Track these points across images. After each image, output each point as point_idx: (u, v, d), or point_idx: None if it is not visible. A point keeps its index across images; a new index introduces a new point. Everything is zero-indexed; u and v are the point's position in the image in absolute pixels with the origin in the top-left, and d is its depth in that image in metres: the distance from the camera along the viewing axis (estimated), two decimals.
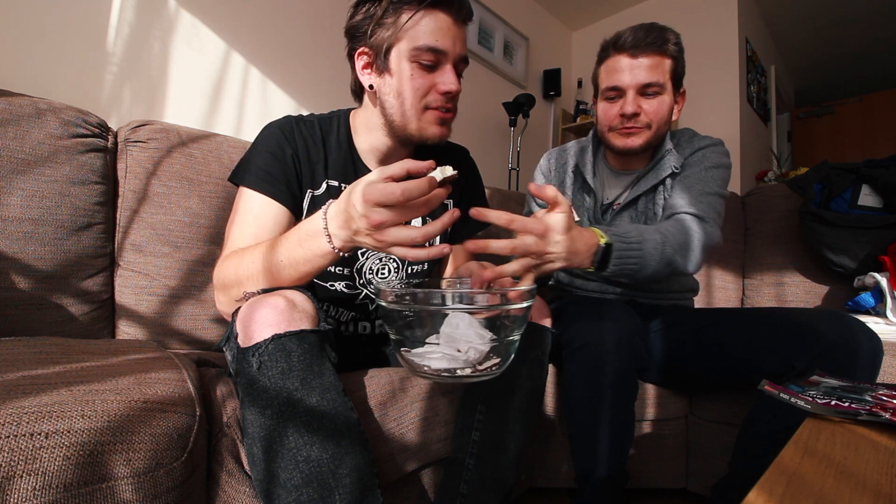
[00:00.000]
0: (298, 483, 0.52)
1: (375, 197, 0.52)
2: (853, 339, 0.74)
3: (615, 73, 0.97)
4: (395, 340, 0.61)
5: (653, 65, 0.95)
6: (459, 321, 0.56)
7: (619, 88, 0.97)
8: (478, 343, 0.57)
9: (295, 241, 0.63)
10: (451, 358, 0.56)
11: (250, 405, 0.55)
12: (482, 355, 0.57)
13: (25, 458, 0.41)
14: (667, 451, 1.06)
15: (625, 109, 0.97)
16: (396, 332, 0.60)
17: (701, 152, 1.03)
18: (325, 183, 0.82)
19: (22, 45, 1.11)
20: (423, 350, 0.58)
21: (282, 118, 0.83)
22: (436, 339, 0.58)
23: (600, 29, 3.17)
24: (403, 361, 0.60)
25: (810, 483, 0.32)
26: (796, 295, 1.44)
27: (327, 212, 0.60)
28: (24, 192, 0.84)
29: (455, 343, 0.56)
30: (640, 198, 1.05)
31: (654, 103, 0.97)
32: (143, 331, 0.97)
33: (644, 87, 0.96)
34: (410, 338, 0.59)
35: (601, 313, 0.87)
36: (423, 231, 0.55)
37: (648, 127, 0.99)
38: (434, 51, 0.71)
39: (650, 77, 0.95)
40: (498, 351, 0.59)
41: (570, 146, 1.20)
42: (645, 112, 0.97)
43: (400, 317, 0.59)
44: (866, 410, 0.44)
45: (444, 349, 0.57)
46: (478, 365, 0.58)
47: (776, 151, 3.12)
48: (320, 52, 1.73)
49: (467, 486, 0.72)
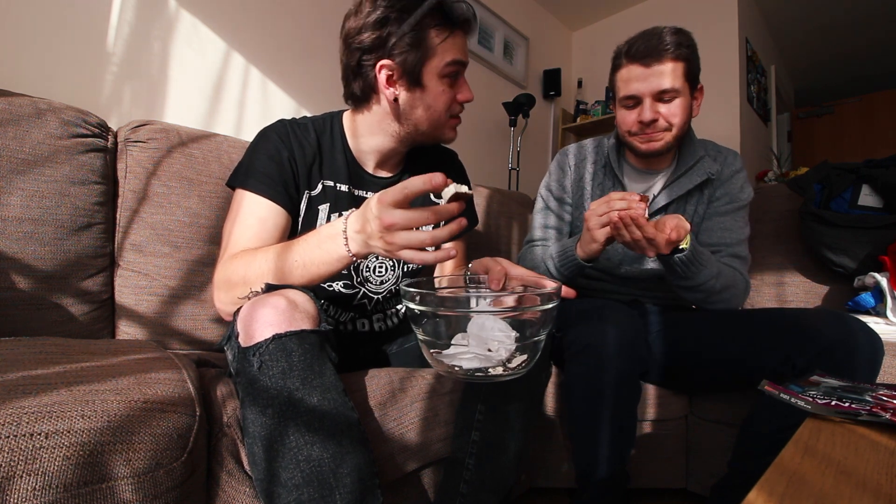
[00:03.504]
0: (299, 482, 0.52)
1: (389, 197, 0.56)
2: (853, 339, 0.74)
3: (630, 83, 0.98)
4: (423, 341, 0.61)
5: (667, 71, 0.95)
6: (485, 320, 0.57)
7: (635, 97, 0.98)
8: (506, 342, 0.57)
9: (314, 242, 0.65)
10: (484, 358, 0.56)
11: (251, 404, 0.55)
12: (511, 353, 0.58)
13: (25, 458, 0.41)
14: (667, 451, 1.06)
15: (643, 117, 0.98)
16: (424, 332, 0.60)
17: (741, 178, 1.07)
18: (321, 183, 0.84)
19: (22, 45, 1.11)
20: (454, 351, 0.58)
21: (276, 122, 0.85)
22: (462, 338, 0.58)
23: (600, 29, 3.17)
24: (433, 361, 0.60)
25: (810, 483, 0.32)
26: (796, 295, 1.44)
27: (349, 217, 0.63)
28: (24, 192, 0.84)
29: (485, 343, 0.57)
30: (671, 203, 1.06)
31: (671, 107, 0.98)
32: (143, 331, 0.97)
33: (660, 94, 0.96)
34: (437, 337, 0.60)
35: (603, 315, 0.87)
36: (432, 235, 0.57)
37: (668, 129, 1.00)
38: (458, 63, 0.79)
39: (665, 84, 0.95)
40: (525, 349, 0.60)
41: (587, 144, 1.20)
42: (663, 116, 0.98)
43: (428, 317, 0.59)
44: (866, 410, 0.44)
45: (474, 349, 0.57)
46: (507, 364, 0.58)
47: (776, 151, 3.12)
48: (320, 52, 1.73)
49: (467, 486, 0.72)
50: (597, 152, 1.17)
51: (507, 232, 1.66)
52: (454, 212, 0.58)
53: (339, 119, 0.89)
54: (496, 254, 1.57)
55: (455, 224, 0.58)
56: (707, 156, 1.07)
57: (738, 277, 1.00)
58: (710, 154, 1.08)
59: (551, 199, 1.18)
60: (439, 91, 0.79)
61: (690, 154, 1.06)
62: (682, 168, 1.06)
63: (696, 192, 1.06)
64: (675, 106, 0.98)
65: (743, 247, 1.05)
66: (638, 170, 1.12)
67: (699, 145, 1.08)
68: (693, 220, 1.07)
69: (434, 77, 0.78)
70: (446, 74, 0.79)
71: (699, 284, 0.94)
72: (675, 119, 0.98)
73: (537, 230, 1.18)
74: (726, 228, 1.05)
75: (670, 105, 0.97)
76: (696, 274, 0.92)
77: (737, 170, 1.07)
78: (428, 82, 0.78)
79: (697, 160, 1.05)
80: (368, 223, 0.58)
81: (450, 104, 0.81)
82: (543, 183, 1.21)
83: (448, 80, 0.79)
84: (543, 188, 1.21)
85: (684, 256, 0.89)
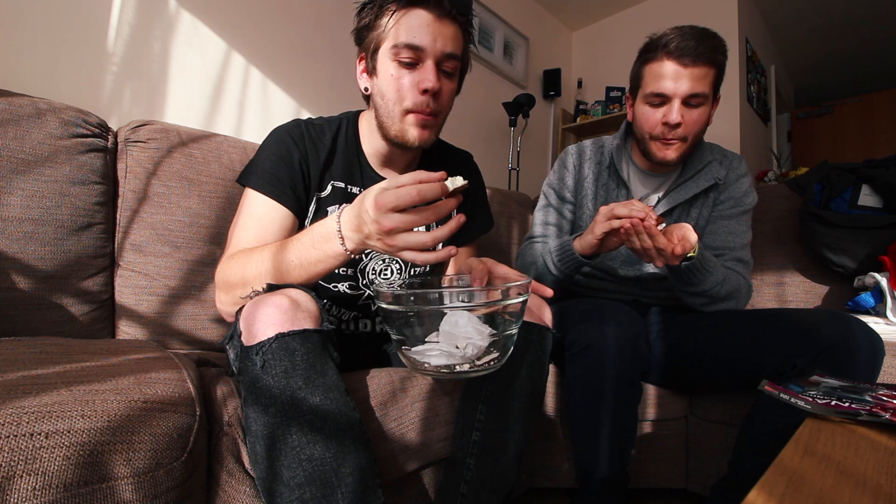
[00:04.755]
0: (301, 481, 0.52)
1: (389, 202, 0.54)
2: (853, 339, 0.74)
3: (661, 80, 0.94)
4: (396, 339, 0.62)
5: (701, 75, 0.92)
6: (459, 318, 0.57)
7: (664, 95, 0.94)
8: (477, 339, 0.57)
9: (308, 242, 0.64)
10: (449, 354, 0.57)
11: (253, 403, 0.55)
12: (481, 350, 0.58)
13: (25, 458, 0.41)
14: (667, 451, 1.06)
15: (669, 118, 0.94)
16: (397, 331, 0.61)
17: (745, 182, 1.07)
18: (331, 185, 0.83)
19: (22, 45, 1.11)
20: (423, 347, 0.59)
21: (290, 122, 0.84)
22: (436, 336, 0.59)
23: (600, 29, 3.17)
24: (404, 359, 0.61)
25: (810, 483, 0.32)
26: (796, 295, 1.44)
27: (341, 215, 0.61)
28: (24, 192, 0.84)
29: (454, 340, 0.57)
30: (676, 207, 1.06)
31: (695, 114, 0.95)
32: (143, 331, 0.97)
33: (690, 97, 0.93)
34: (411, 336, 0.60)
35: (604, 315, 0.87)
36: (433, 235, 0.56)
37: (685, 140, 0.98)
38: (412, 47, 0.70)
39: (697, 88, 0.92)
40: (497, 345, 0.60)
41: (586, 145, 1.19)
42: (686, 123, 0.95)
43: (400, 317, 0.60)
44: (866, 410, 0.44)
45: (442, 346, 0.57)
46: (476, 360, 0.58)
47: (776, 151, 3.12)
48: (321, 52, 1.73)
49: (468, 486, 0.72)
50: (598, 153, 1.16)
51: (507, 232, 1.66)
52: (453, 208, 0.57)
53: (354, 119, 0.88)
54: (496, 253, 1.57)
55: (454, 221, 0.58)
56: (714, 160, 1.06)
57: (742, 282, 1.00)
58: (717, 158, 1.08)
59: (553, 197, 1.18)
60: (389, 76, 0.72)
61: (698, 158, 1.06)
62: (690, 172, 1.05)
63: (702, 196, 1.06)
64: (699, 113, 0.95)
65: (746, 251, 1.05)
66: (644, 172, 1.11)
67: (707, 150, 1.08)
68: (698, 223, 1.07)
69: (386, 60, 0.72)
70: (398, 59, 0.71)
71: (705, 290, 0.94)
72: (696, 127, 0.96)
73: (538, 227, 1.18)
74: (731, 232, 1.05)
75: (694, 112, 0.95)
76: (703, 281, 0.92)
77: (742, 174, 1.07)
78: (380, 66, 0.73)
79: (705, 165, 1.05)
80: (366, 224, 0.57)
81: (404, 93, 0.72)
82: (546, 181, 1.22)
83: (400, 65, 0.72)
84: (546, 185, 1.21)
85: (691, 264, 0.88)
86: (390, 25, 0.71)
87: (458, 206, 0.58)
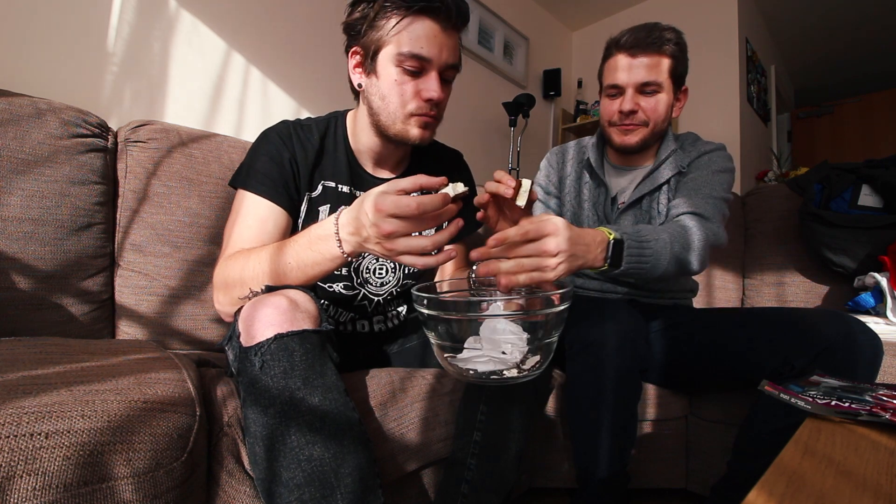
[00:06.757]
0: (300, 482, 0.52)
1: (389, 208, 0.54)
2: (853, 339, 0.74)
3: (615, 72, 1.01)
4: (436, 345, 0.61)
5: (651, 64, 0.98)
6: (497, 323, 0.57)
7: (618, 86, 1.01)
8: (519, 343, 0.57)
9: (305, 244, 0.64)
10: (498, 361, 0.56)
11: (252, 404, 0.55)
12: (523, 355, 0.58)
13: (25, 458, 0.41)
14: (667, 451, 1.06)
15: (622, 106, 1.01)
16: (438, 336, 0.60)
17: (707, 156, 1.05)
18: (322, 184, 0.83)
19: (22, 45, 1.11)
20: (469, 355, 0.58)
21: (278, 123, 0.84)
22: (475, 341, 0.58)
23: (600, 29, 3.17)
24: (446, 366, 0.60)
25: (810, 483, 0.32)
26: (796, 295, 1.44)
27: (339, 217, 0.61)
28: (24, 192, 0.84)
29: (498, 345, 0.57)
30: (643, 197, 1.06)
31: (651, 101, 1.00)
32: (143, 331, 0.97)
33: (642, 86, 0.99)
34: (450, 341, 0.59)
35: (604, 314, 0.87)
36: (433, 240, 0.56)
37: (646, 125, 1.02)
38: (418, 58, 0.71)
39: (648, 76, 0.98)
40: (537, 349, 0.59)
41: (569, 145, 1.24)
42: (643, 109, 1.01)
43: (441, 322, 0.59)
44: (866, 410, 0.44)
45: (488, 352, 0.57)
46: (521, 365, 0.58)
47: (776, 151, 3.12)
48: (320, 52, 1.73)
49: (468, 487, 0.72)
50: (580, 153, 1.19)
51: None
52: (453, 213, 0.57)
53: (342, 118, 0.88)
54: None
55: (454, 225, 0.58)
56: (680, 149, 1.07)
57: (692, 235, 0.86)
58: (684, 148, 1.08)
59: (541, 194, 1.22)
60: (392, 81, 0.73)
61: (664, 149, 1.07)
62: (656, 164, 1.06)
63: (666, 186, 1.05)
64: (655, 101, 1.00)
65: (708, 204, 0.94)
66: (617, 167, 1.13)
67: (674, 140, 1.08)
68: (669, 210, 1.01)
69: (389, 65, 0.73)
70: (404, 67, 0.72)
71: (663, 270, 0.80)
72: (654, 114, 1.00)
73: None
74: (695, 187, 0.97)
75: (650, 99, 1.00)
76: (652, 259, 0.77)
77: (715, 149, 1.05)
78: (382, 70, 0.74)
79: (670, 154, 1.06)
80: (364, 228, 0.57)
81: (407, 98, 0.74)
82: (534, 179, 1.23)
83: (405, 72, 0.73)
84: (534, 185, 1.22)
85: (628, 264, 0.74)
86: (395, 31, 0.71)
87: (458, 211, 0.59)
